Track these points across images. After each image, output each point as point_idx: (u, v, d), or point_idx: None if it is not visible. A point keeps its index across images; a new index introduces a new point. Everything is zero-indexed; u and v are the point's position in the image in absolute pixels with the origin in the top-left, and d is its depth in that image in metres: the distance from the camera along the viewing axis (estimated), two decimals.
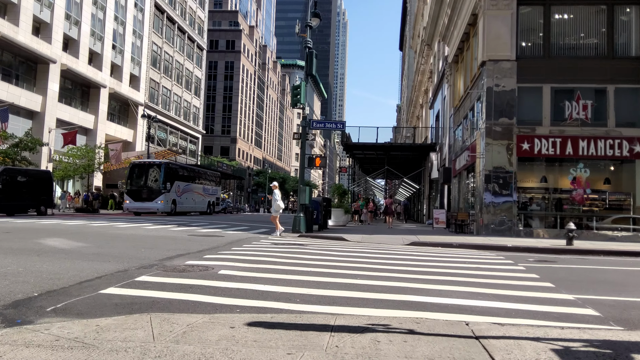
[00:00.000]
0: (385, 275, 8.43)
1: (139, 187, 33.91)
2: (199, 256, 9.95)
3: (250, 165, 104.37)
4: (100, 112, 48.27)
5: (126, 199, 34.08)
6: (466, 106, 24.39)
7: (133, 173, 34.63)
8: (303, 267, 8.91)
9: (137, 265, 8.43)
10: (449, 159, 29.01)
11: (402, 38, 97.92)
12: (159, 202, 33.13)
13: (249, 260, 9.61)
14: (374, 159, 41.64)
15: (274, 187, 18.39)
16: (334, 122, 19.95)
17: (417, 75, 50.69)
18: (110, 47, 49.70)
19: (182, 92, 68.35)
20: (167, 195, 33.81)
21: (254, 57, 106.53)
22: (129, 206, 33.78)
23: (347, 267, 9.16)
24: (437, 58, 35.86)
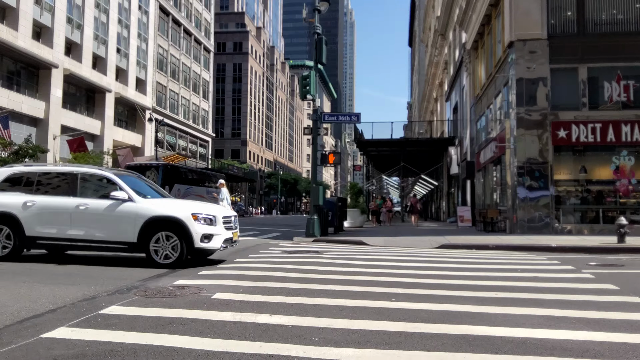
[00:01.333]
0: (425, 292, 6.65)
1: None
2: (194, 273, 8.24)
3: (262, 168, 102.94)
4: (107, 118, 47.00)
5: None
6: (490, 94, 22.49)
7: None
8: (321, 285, 7.16)
9: (112, 289, 6.74)
10: (471, 153, 27.10)
11: (411, 34, 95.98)
12: None
13: (254, 276, 7.88)
14: (388, 156, 39.77)
15: (221, 185, 17.26)
16: (347, 114, 18.19)
17: (431, 68, 48.75)
18: (114, 51, 48.44)
19: (190, 96, 67.04)
20: None
21: (262, 59, 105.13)
22: None
23: (375, 283, 7.39)
24: (453, 47, 33.95)
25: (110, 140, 47.32)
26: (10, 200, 9.39)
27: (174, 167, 34.51)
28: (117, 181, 9.30)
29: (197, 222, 8.91)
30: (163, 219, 8.97)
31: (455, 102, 33.01)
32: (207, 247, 9.05)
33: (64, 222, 9.14)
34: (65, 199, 9.29)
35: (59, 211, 9.23)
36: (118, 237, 9.01)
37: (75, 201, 9.19)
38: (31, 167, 10.00)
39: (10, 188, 9.61)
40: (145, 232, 8.87)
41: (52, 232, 9.20)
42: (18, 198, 9.38)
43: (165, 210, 9.11)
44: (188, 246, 8.86)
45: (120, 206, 8.99)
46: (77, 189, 9.43)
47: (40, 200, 9.33)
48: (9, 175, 9.76)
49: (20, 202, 9.31)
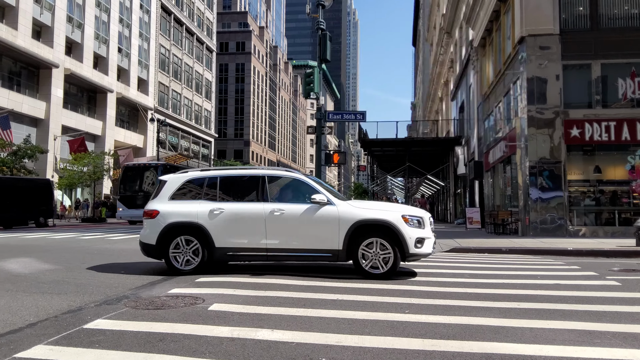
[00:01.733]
0: (440, 303, 6.10)
1: (133, 192, 30.54)
2: (190, 280, 7.71)
3: None
4: (108, 118, 46.55)
5: (119, 207, 30.58)
6: (499, 92, 21.90)
7: (126, 177, 31.23)
8: (326, 294, 6.62)
9: (101, 299, 6.21)
10: (478, 153, 26.50)
11: (415, 33, 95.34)
12: None
13: (254, 284, 7.34)
14: (393, 156, 39.20)
15: None
16: (352, 112, 17.65)
17: (436, 67, 48.14)
18: (116, 51, 48.00)
19: (192, 96, 66.57)
20: None
21: (264, 58, 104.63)
22: (122, 214, 30.21)
23: (384, 292, 6.84)
24: (459, 45, 33.36)
25: (111, 140, 46.87)
26: (194, 209, 8.36)
27: (174, 167, 33.83)
28: (311, 183, 8.48)
29: (408, 225, 8.02)
30: (371, 223, 8.05)
31: (462, 101, 32.41)
32: (420, 252, 8.10)
33: (257, 230, 8.21)
34: (255, 205, 8.31)
35: (250, 219, 8.25)
36: (320, 244, 8.12)
37: (267, 207, 8.24)
38: (210, 171, 8.93)
39: (189, 195, 8.62)
40: (353, 238, 8.02)
41: (244, 243, 8.25)
42: (202, 206, 8.37)
43: (372, 213, 8.14)
44: (401, 253, 7.97)
45: (320, 211, 8.14)
46: (266, 193, 8.41)
47: (228, 208, 8.33)
48: (187, 181, 8.72)
49: (205, 210, 8.31)
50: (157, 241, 8.31)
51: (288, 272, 8.48)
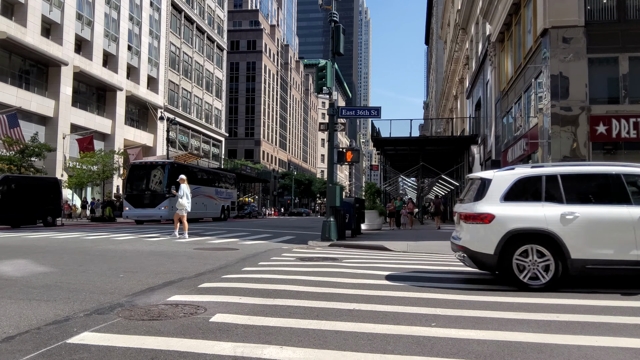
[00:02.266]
0: (470, 314, 5.40)
1: (139, 191, 30.01)
2: (193, 285, 7.07)
3: (275, 168, 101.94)
4: (118, 116, 46.22)
5: (125, 206, 30.06)
6: (518, 88, 21.09)
7: (133, 175, 30.69)
8: (342, 303, 5.94)
9: (93, 307, 5.59)
10: (496, 151, 25.67)
11: (427, 31, 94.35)
12: (162, 209, 29.07)
13: (263, 291, 6.67)
14: (406, 155, 38.44)
15: (182, 180, 16.20)
16: (366, 108, 16.92)
17: (450, 65, 47.25)
18: (125, 48, 47.66)
19: (202, 94, 66.20)
20: (172, 200, 29.87)
21: (275, 57, 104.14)
22: (128, 213, 29.67)
23: (407, 300, 6.14)
24: (475, 41, 32.52)
25: (121, 139, 46.54)
26: (539, 213, 7.06)
27: (181, 165, 33.25)
28: None
29: None
30: None
31: (478, 98, 31.56)
32: None
33: (625, 239, 6.87)
34: (617, 209, 6.95)
35: (614, 225, 6.95)
36: None
37: (634, 211, 6.89)
38: (543, 168, 7.56)
39: (526, 196, 7.34)
40: None
41: (608, 254, 6.87)
42: (549, 210, 7.05)
43: None
44: None
45: None
46: (627, 194, 7.03)
47: (582, 212, 6.97)
48: (519, 180, 7.37)
49: (555, 214, 6.98)
50: (497, 251, 7.07)
51: (300, 274, 7.82)
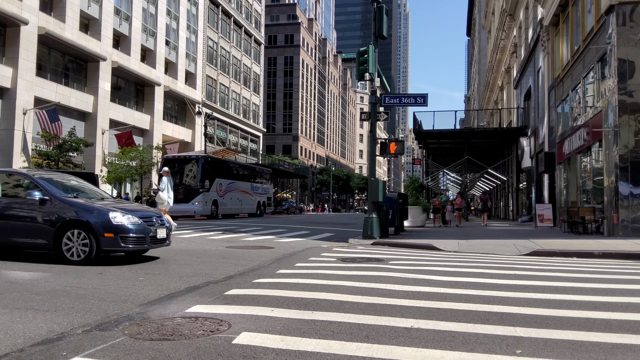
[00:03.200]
0: (562, 337, 4.20)
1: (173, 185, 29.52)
2: (219, 292, 6.08)
3: (313, 164, 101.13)
4: (156, 112, 46.14)
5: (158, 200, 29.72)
6: (576, 73, 19.39)
7: None
8: (397, 317, 4.81)
9: (96, 320, 4.65)
10: (549, 143, 23.93)
11: (469, 22, 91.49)
12: (195, 204, 28.45)
13: (300, 301, 5.61)
14: (449, 149, 36.81)
15: (164, 173, 15.79)
16: (411, 95, 15.67)
17: (495, 54, 45.17)
18: (163, 43, 47.52)
19: (240, 89, 65.84)
20: (206, 195, 28.88)
21: (313, 51, 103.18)
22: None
23: (476, 316, 4.96)
24: (525, 27, 30.64)
25: (159, 134, 46.46)
26: None
27: (215, 160, 32.51)
28: None
29: None
30: None
31: (528, 87, 29.71)
32: None
33: None
34: None
35: None
36: None
37: None
38: None
39: None
40: None
41: None
42: None
43: None
44: None
45: None
46: None
47: None
48: None
49: None
50: None
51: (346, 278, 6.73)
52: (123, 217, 8.28)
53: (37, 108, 31.30)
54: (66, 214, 8.21)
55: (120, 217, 8.25)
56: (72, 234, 8.16)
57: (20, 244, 8.56)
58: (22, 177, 9.11)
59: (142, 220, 8.53)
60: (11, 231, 8.47)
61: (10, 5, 30.05)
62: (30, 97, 31.83)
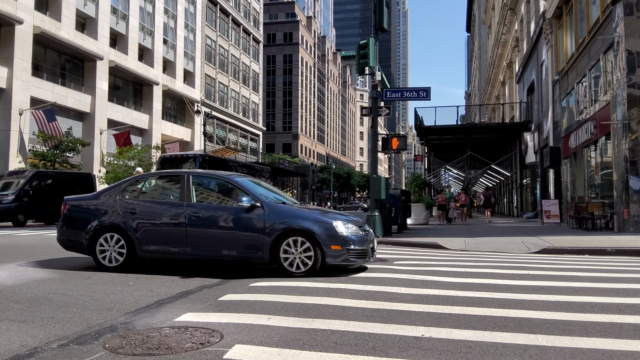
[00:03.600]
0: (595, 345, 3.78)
1: None
2: (213, 297, 5.66)
3: (314, 162, 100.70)
4: (155, 111, 45.71)
5: None
6: (582, 66, 18.94)
7: (163, 169, 28.96)
8: (405, 325, 4.39)
9: (76, 332, 4.23)
10: (554, 138, 23.49)
11: (469, 17, 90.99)
12: None
13: (298, 306, 5.18)
14: (451, 145, 36.39)
15: (137, 173, 14.85)
16: (413, 89, 15.23)
17: (496, 49, 44.69)
18: (161, 42, 47.09)
19: (239, 88, 65.39)
20: None
21: (312, 49, 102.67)
22: None
23: (491, 321, 4.53)
24: (527, 20, 30.18)
25: (158, 134, 46.04)
26: None
27: (213, 158, 31.95)
28: None
29: None
30: None
31: (531, 81, 29.24)
32: None
33: None
34: None
35: None
36: None
37: None
38: None
39: None
40: None
41: None
42: None
43: None
44: None
45: None
46: None
47: None
48: None
49: None
50: None
51: (348, 280, 6.30)
52: (344, 226, 7.19)
53: (34, 108, 30.89)
54: (282, 222, 7.08)
55: (342, 226, 7.17)
56: (291, 244, 7.02)
57: (227, 257, 7.32)
58: (224, 180, 7.95)
59: (360, 230, 7.43)
60: (219, 243, 7.30)
61: (4, 5, 29.63)
62: (26, 97, 31.41)
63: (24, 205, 21.91)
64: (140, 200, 7.78)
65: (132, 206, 7.63)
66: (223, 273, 7.46)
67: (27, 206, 22.12)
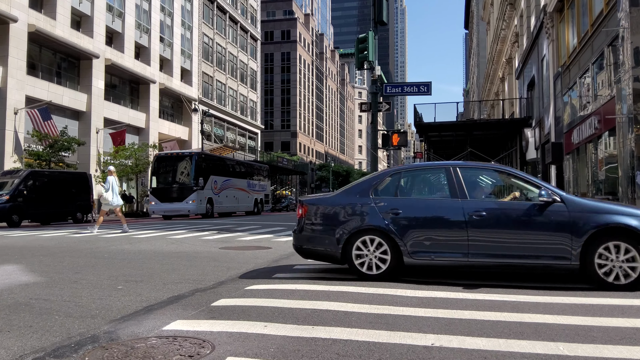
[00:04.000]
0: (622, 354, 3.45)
1: (165, 184, 28.39)
2: (206, 302, 5.31)
3: (312, 160, 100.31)
4: (152, 110, 45.27)
5: (151, 200, 28.51)
6: (584, 59, 18.58)
7: (158, 168, 29.05)
8: (411, 333, 4.04)
9: (53, 344, 3.88)
10: (555, 133, 23.13)
11: (467, 14, 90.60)
12: (189, 202, 27.43)
13: (297, 312, 4.84)
14: (451, 142, 36.01)
15: (109, 172, 15.20)
16: (414, 84, 14.87)
17: (496, 45, 44.31)
18: (157, 40, 46.63)
19: (237, 86, 64.96)
20: (201, 193, 27.88)
21: (310, 47, 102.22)
22: (154, 208, 28.08)
23: (504, 327, 4.19)
24: (527, 15, 29.80)
25: (155, 132, 45.60)
26: None
27: (209, 157, 31.56)
28: None
29: None
30: None
31: (531, 77, 28.87)
32: None
33: None
34: None
35: None
36: None
37: None
38: None
39: None
40: None
41: None
42: None
43: None
44: None
45: None
46: None
47: None
48: None
49: None
50: None
51: (349, 283, 5.96)
52: None
53: (29, 107, 30.47)
54: (591, 219, 5.88)
55: None
56: (609, 249, 5.80)
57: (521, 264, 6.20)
58: (501, 171, 7.28)
59: None
60: (510, 247, 6.19)
61: None
62: (21, 96, 30.98)
63: (18, 206, 21.53)
64: (400, 198, 6.75)
65: (393, 205, 6.59)
66: (218, 276, 7.11)
67: (22, 206, 21.74)
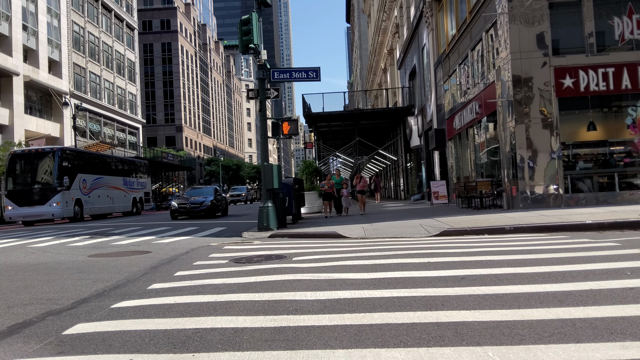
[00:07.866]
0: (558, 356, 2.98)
1: (25, 185, 24.97)
2: (56, 330, 4.19)
3: (201, 155, 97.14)
4: (16, 105, 40.59)
5: (7, 204, 24.98)
6: (463, 47, 19.15)
7: (14, 168, 25.37)
8: (318, 350, 3.31)
9: None
10: (437, 120, 23.83)
11: (348, 8, 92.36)
12: (53, 205, 24.33)
13: (174, 334, 3.90)
14: (339, 132, 36.27)
15: None
16: (302, 69, 14.23)
17: (377, 37, 45.27)
18: (20, 28, 41.81)
19: (114, 78, 60.63)
20: (66, 195, 24.96)
21: (193, 37, 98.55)
22: (11, 213, 24.59)
23: (420, 330, 3.60)
24: (406, 6, 30.51)
25: (22, 130, 41.02)
26: None
27: (76, 153, 28.22)
28: None
29: None
30: None
31: (412, 66, 29.65)
32: None
33: None
34: None
35: None
36: None
37: None
38: None
39: None
40: None
41: None
42: None
43: None
44: None
45: None
46: None
47: None
48: None
49: None
50: None
51: (237, 291, 5.12)
52: None
53: None
54: None
55: None
56: None
57: None
58: None
59: None
60: None
61: None
62: None
63: None
64: None
65: None
66: (80, 292, 5.92)
67: None
